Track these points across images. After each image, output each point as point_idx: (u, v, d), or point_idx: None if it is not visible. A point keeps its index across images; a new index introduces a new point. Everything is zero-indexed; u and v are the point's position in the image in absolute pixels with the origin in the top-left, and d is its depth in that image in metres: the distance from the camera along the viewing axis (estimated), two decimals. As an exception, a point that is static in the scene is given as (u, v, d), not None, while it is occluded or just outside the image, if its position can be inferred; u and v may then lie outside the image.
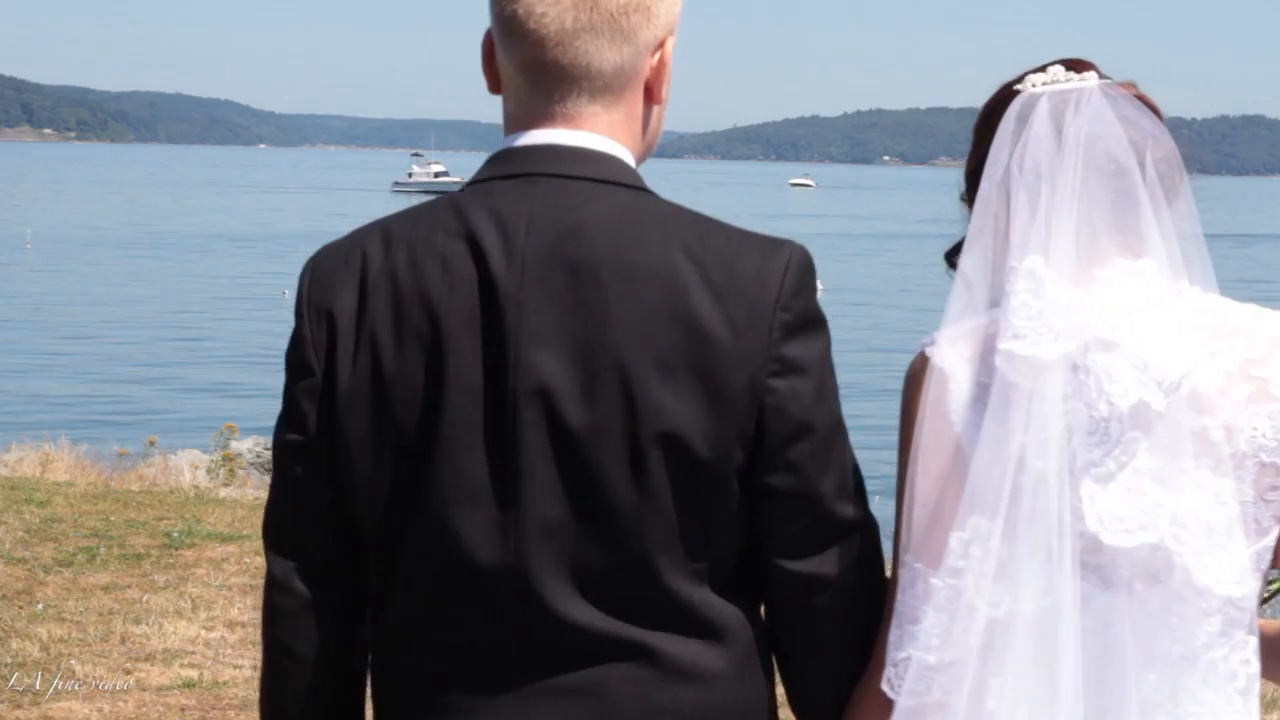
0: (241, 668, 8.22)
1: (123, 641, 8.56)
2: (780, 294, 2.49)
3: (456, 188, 2.69)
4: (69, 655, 8.24)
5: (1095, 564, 2.48)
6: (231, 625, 8.96)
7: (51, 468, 15.02)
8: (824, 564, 2.56)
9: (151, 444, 17.61)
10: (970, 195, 2.70)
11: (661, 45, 2.59)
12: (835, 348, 2.61)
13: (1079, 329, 2.49)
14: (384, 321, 2.51)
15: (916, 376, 2.64)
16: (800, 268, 2.52)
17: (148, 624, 8.85)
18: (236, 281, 67.04)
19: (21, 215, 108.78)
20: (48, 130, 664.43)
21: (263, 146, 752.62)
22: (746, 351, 2.46)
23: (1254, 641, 2.51)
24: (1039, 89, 2.62)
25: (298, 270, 2.70)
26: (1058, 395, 2.48)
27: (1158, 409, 2.46)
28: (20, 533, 10.90)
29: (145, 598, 9.44)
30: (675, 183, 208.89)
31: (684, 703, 2.52)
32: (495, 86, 2.68)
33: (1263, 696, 9.72)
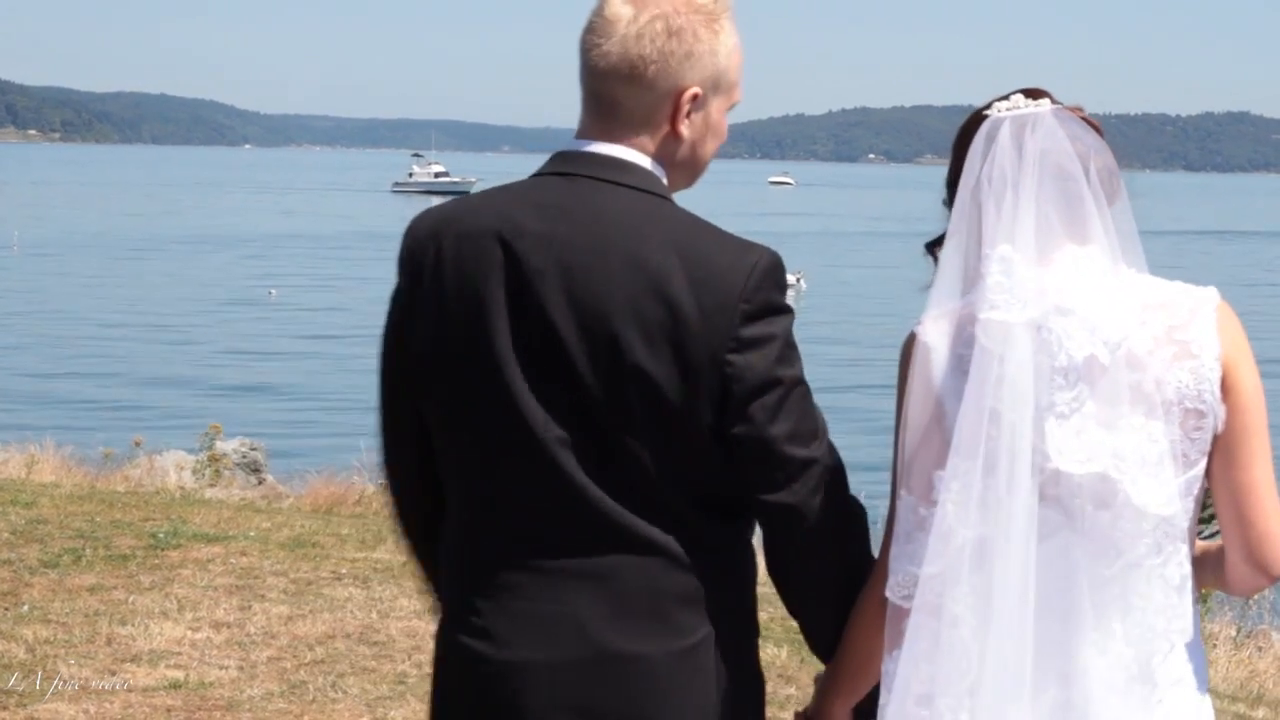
0: (227, 668, 8.20)
1: (109, 643, 8.53)
2: (745, 289, 3.18)
3: (457, 188, 3.24)
4: (55, 657, 8.21)
5: (1056, 495, 3.13)
6: (217, 626, 8.93)
7: (37, 469, 14.98)
8: (789, 495, 3.23)
9: (137, 445, 17.56)
10: (950, 200, 3.31)
11: (681, 93, 3.31)
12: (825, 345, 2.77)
13: (1041, 297, 3.12)
14: (450, 272, 3.28)
15: (907, 351, 3.30)
16: (766, 268, 3.22)
17: (134, 625, 8.82)
18: (224, 283, 66.92)
19: (7, 217, 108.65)
20: (32, 131, 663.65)
21: (248, 147, 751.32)
22: (711, 333, 3.16)
23: (1185, 549, 3.18)
24: (1003, 114, 3.25)
25: (283, 271, 3.05)
26: (1027, 353, 3.11)
27: (1104, 363, 3.11)
28: (5, 534, 10.86)
29: (131, 599, 9.41)
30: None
31: (681, 588, 3.23)
32: None
33: (1252, 693, 9.63)
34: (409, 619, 9.27)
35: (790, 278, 3.44)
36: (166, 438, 20.85)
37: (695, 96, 3.32)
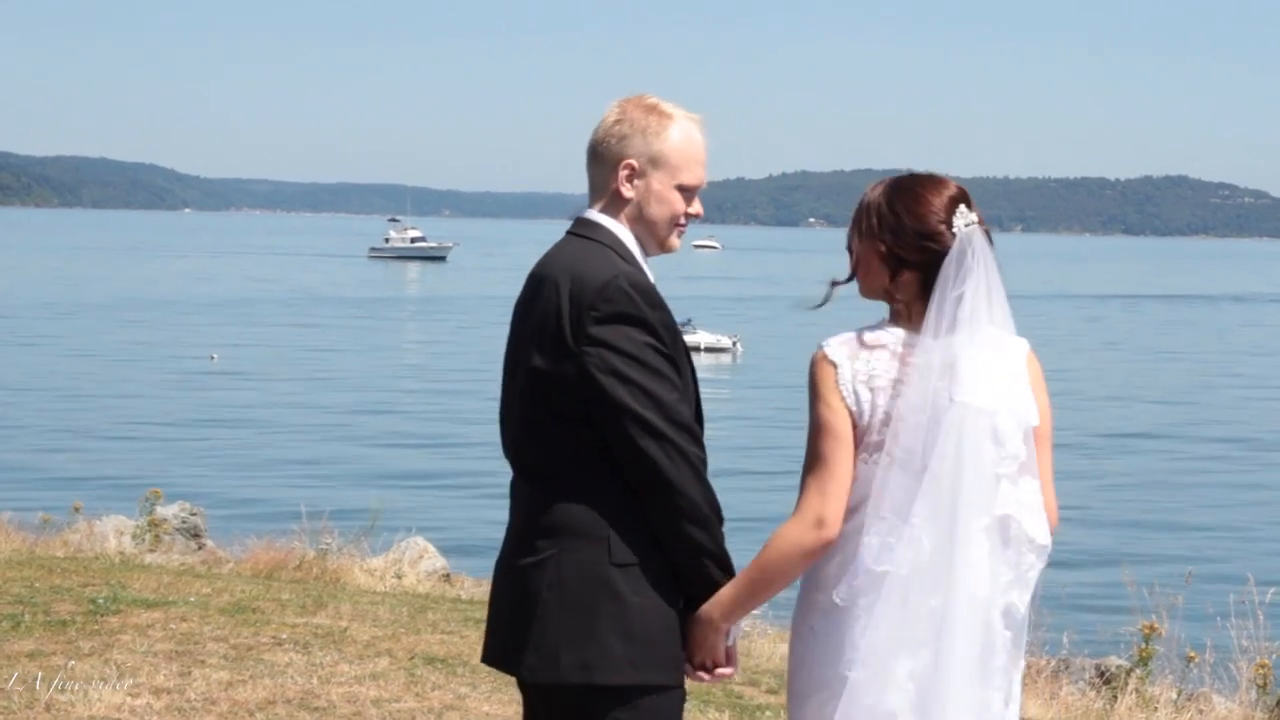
0: (167, 735, 8.15)
1: (48, 709, 8.47)
2: (597, 300, 4.40)
3: (434, 253, 4.00)
4: (-8, 724, 8.15)
5: (999, 530, 4.46)
6: (157, 692, 8.88)
7: (-26, 535, 14.87)
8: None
9: (76, 510, 17.43)
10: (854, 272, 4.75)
11: (619, 166, 4.52)
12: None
13: (996, 397, 4.45)
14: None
15: (818, 369, 4.50)
16: (613, 287, 4.38)
17: (72, 691, 8.76)
18: (166, 347, 66.47)
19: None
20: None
21: (188, 211, 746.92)
22: (573, 334, 4.39)
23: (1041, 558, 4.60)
24: (963, 232, 4.48)
25: (228, 337, 3.07)
26: (975, 431, 4.42)
27: (1020, 447, 4.49)
28: (-57, 600, 10.78)
29: (70, 664, 9.35)
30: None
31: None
32: None
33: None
34: (349, 684, 9.23)
35: (727, 340, 4.06)
36: (106, 502, 20.72)
37: (631, 167, 4.51)
